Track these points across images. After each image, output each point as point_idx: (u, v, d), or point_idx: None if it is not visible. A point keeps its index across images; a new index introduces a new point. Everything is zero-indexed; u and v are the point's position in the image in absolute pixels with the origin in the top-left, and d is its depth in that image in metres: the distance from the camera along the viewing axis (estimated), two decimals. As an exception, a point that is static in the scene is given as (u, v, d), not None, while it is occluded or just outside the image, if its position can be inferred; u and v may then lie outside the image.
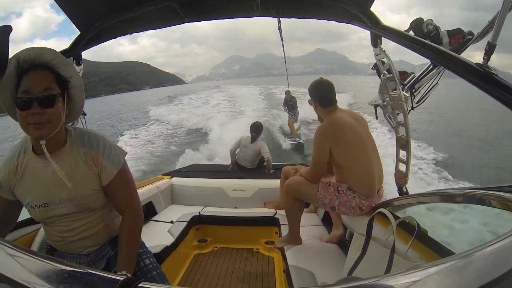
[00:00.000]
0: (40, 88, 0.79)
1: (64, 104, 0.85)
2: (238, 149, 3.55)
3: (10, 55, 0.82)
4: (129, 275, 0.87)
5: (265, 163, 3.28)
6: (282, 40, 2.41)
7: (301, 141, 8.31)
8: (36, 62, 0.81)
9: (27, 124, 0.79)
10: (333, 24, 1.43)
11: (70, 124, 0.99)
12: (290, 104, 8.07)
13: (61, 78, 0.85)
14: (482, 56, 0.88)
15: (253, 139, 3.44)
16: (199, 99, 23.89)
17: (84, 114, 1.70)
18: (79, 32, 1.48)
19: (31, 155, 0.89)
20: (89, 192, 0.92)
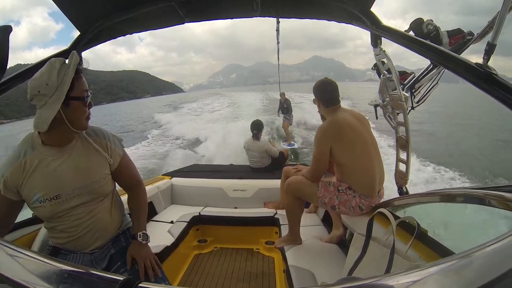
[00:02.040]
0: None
1: None
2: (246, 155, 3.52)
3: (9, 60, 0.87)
4: (147, 233, 1.08)
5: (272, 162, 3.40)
6: (278, 38, 2.42)
7: (296, 146, 8.28)
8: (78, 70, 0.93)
9: (85, 118, 0.95)
10: (330, 31, 1.42)
11: None
12: (285, 107, 8.04)
13: None
14: (482, 56, 0.88)
15: (255, 136, 3.43)
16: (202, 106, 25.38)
17: None
18: (79, 33, 1.48)
19: (42, 150, 0.93)
20: (101, 177, 1.01)
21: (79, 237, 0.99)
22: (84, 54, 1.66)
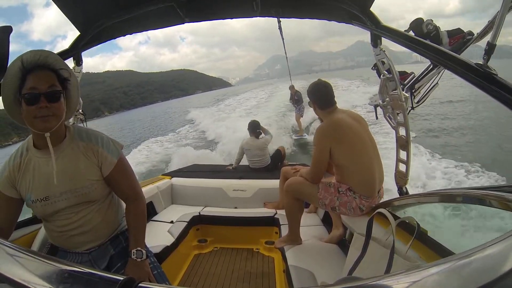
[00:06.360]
0: (46, 85, 0.87)
1: (64, 101, 0.92)
2: (245, 155, 3.52)
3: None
4: (143, 250, 0.99)
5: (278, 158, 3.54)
6: (282, 37, 2.41)
7: (306, 136, 8.20)
8: (40, 63, 0.88)
9: (34, 118, 0.86)
10: (375, 11, 1.32)
11: (71, 122, 1.03)
12: (295, 98, 8.08)
13: (61, 78, 0.92)
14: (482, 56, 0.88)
15: (258, 136, 3.50)
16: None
17: (84, 114, 1.71)
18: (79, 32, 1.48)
19: (33, 151, 0.94)
20: (89, 183, 0.97)
21: (69, 236, 0.98)
22: (129, 58, 1.64)
